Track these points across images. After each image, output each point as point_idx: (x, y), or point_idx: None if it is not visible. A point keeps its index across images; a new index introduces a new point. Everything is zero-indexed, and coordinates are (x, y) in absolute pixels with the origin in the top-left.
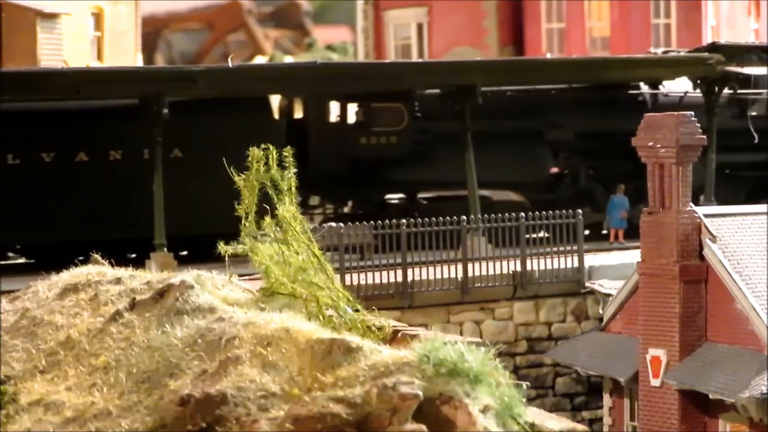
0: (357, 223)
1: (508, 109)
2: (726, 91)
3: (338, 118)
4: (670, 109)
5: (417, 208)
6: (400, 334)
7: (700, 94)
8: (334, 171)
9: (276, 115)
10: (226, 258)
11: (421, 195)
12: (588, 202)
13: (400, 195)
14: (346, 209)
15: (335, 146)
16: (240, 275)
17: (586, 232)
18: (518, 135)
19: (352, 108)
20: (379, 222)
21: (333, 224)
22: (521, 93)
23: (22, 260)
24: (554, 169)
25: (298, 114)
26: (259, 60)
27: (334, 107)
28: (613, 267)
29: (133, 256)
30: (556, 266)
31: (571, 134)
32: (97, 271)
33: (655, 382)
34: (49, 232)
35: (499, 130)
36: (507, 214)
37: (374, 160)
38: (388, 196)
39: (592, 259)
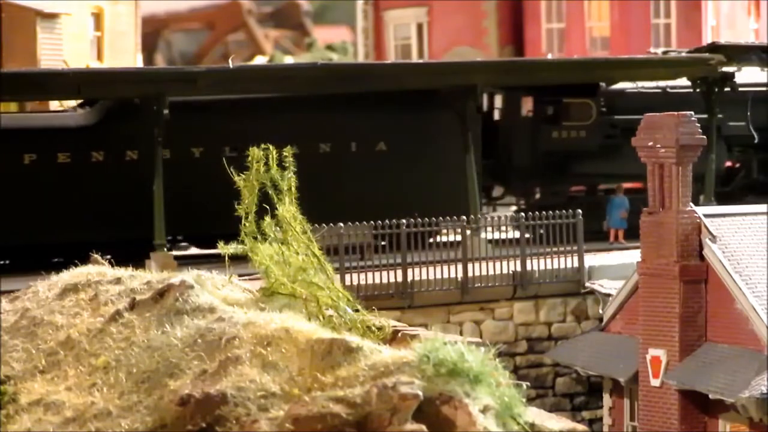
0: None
1: (687, 105)
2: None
3: (530, 113)
4: None
5: (600, 200)
6: (400, 334)
7: None
8: (525, 163)
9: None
10: (227, 258)
11: (601, 187)
12: (760, 193)
13: (582, 187)
14: (532, 201)
15: (527, 140)
16: (240, 275)
17: None
18: None
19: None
20: (379, 222)
21: (523, 214)
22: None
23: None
24: (728, 163)
25: (493, 108)
26: (260, 60)
27: (527, 102)
28: (613, 267)
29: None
30: (556, 266)
31: (745, 129)
32: (97, 271)
33: (655, 382)
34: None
35: None
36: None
37: (563, 153)
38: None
39: (592, 259)
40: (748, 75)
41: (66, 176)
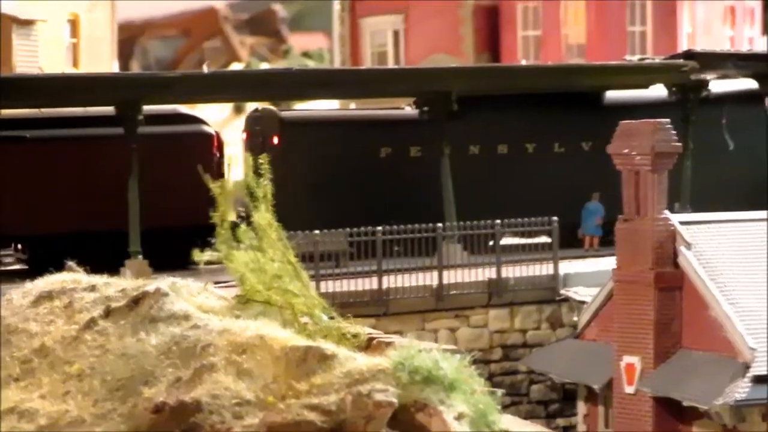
0: None
1: None
2: None
3: None
4: None
5: None
6: (375, 342)
7: None
8: None
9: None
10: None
11: None
12: None
13: None
14: None
15: None
16: (216, 283)
17: None
18: None
19: None
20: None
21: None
22: None
23: None
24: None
25: None
26: (235, 67)
27: None
28: (588, 274)
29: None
30: (531, 273)
31: None
32: (72, 278)
33: (630, 389)
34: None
35: None
36: (482, 222)
37: None
38: None
39: (567, 267)
40: None
41: (416, 169)
